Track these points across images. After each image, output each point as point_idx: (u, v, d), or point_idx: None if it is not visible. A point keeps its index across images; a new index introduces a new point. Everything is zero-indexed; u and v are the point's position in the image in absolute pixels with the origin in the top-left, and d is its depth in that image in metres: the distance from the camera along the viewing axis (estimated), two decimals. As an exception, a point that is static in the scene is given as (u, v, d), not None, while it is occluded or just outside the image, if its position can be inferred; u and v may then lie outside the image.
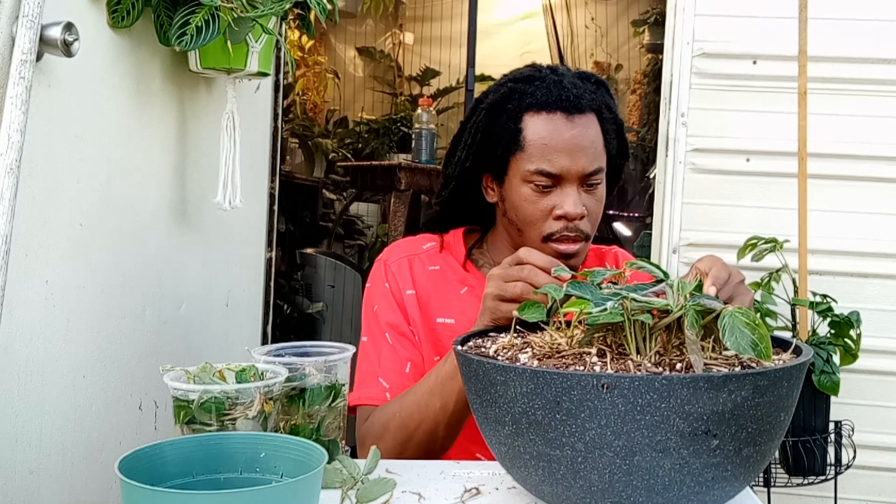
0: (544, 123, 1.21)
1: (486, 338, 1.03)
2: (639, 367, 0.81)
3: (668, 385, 0.75)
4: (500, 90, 1.26)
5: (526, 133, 1.22)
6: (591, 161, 1.22)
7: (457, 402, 1.15)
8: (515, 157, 1.24)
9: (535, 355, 0.89)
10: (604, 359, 0.84)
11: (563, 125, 1.21)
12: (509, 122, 1.23)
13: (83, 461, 1.15)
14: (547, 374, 0.78)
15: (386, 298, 1.32)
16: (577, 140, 1.21)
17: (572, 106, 1.22)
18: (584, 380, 0.76)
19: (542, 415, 0.78)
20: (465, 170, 1.30)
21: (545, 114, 1.22)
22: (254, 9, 1.25)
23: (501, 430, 0.83)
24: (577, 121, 1.22)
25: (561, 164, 1.21)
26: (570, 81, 1.24)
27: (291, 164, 4.88)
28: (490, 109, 1.26)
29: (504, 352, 0.92)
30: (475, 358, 0.85)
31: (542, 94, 1.22)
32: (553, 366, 0.84)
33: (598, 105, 1.26)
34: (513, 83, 1.26)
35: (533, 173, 1.21)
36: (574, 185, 1.22)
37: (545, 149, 1.21)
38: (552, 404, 0.78)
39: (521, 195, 1.24)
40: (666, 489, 0.78)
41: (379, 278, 1.35)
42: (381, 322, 1.31)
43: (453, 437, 1.21)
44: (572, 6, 5.57)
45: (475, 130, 1.28)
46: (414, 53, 5.88)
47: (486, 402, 0.84)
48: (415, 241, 1.41)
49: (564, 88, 1.22)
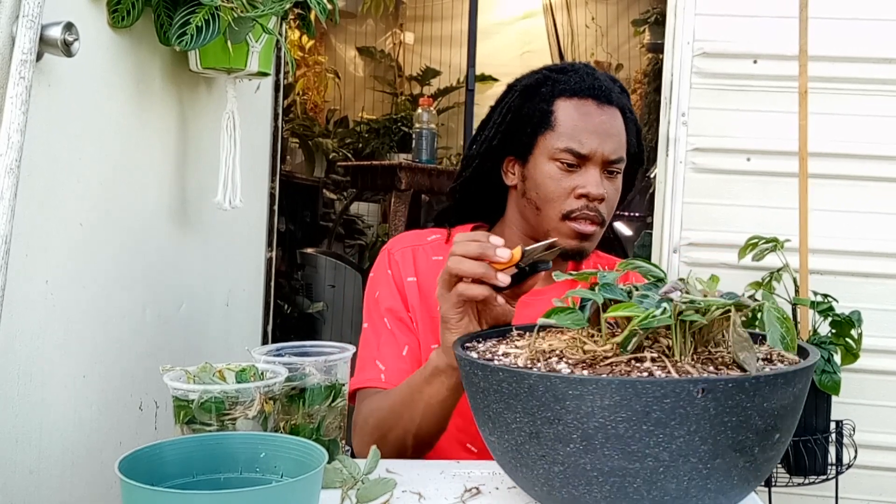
0: (576, 106, 1.28)
1: (471, 344, 0.99)
2: (684, 369, 0.81)
3: (755, 384, 0.75)
4: (535, 76, 1.33)
5: (558, 114, 1.28)
6: (616, 147, 1.28)
7: (423, 417, 1.14)
8: (544, 136, 1.28)
9: (576, 363, 0.85)
10: (655, 363, 0.82)
11: (594, 109, 1.28)
12: (542, 103, 1.29)
13: (83, 461, 1.15)
14: (638, 384, 0.74)
15: (387, 285, 1.34)
16: (606, 126, 1.27)
17: (603, 96, 1.29)
18: (678, 386, 0.73)
19: (625, 427, 0.75)
20: (492, 148, 1.34)
21: (577, 99, 1.28)
22: (254, 9, 1.25)
23: (562, 448, 0.78)
24: (607, 110, 1.29)
25: (590, 145, 1.26)
26: (602, 75, 1.32)
27: (292, 163, 4.88)
28: (523, 92, 1.32)
29: (536, 362, 0.86)
30: (537, 373, 0.78)
31: (575, 82, 1.29)
32: (610, 373, 0.81)
33: (623, 104, 1.33)
34: (547, 71, 1.33)
35: (562, 150, 1.26)
36: (598, 168, 1.27)
37: (576, 129, 1.26)
38: (640, 415, 0.74)
39: (545, 172, 1.28)
40: (733, 488, 0.79)
41: (382, 266, 1.37)
42: (381, 307, 1.33)
43: (425, 446, 1.20)
44: (572, 6, 5.57)
45: (506, 111, 1.33)
46: (414, 53, 5.88)
47: (543, 420, 0.78)
48: (420, 233, 1.44)
49: (597, 79, 1.30)
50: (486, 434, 0.88)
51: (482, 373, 0.84)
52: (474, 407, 0.88)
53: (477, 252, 0.99)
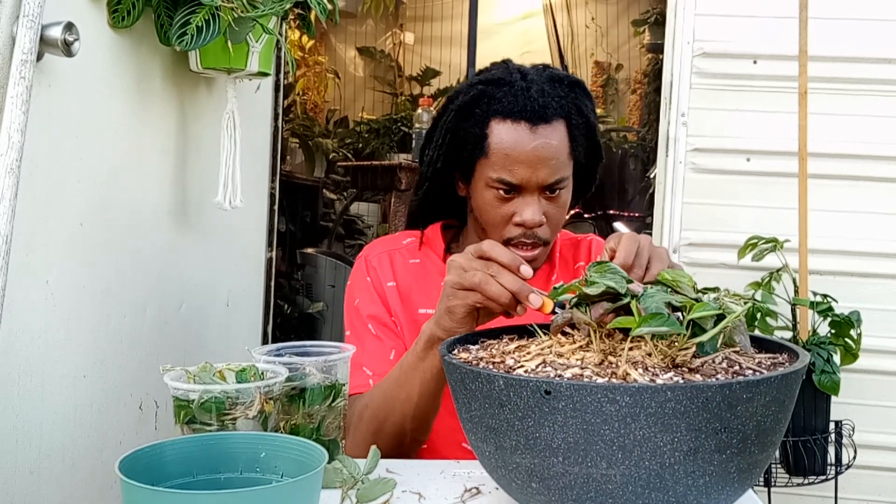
0: (508, 132, 1.23)
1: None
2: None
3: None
4: (471, 91, 1.28)
5: (490, 140, 1.24)
6: (551, 173, 1.23)
7: (420, 394, 1.15)
8: (480, 162, 1.26)
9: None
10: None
11: (526, 136, 1.22)
12: (476, 126, 1.25)
13: (83, 461, 1.15)
14: (791, 375, 0.78)
15: (367, 292, 1.34)
16: (539, 152, 1.22)
17: (537, 116, 1.23)
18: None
19: (772, 420, 0.79)
20: (437, 170, 1.33)
21: (510, 122, 1.23)
22: (254, 9, 1.25)
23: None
24: (542, 131, 1.23)
25: (521, 175, 1.23)
26: (538, 90, 1.24)
27: (292, 163, 4.88)
28: (459, 112, 1.28)
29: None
30: (716, 383, 0.75)
31: (508, 102, 1.23)
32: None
33: (567, 111, 1.26)
34: (483, 85, 1.27)
35: (495, 181, 1.24)
36: (535, 194, 1.24)
37: (507, 159, 1.23)
38: (779, 403, 0.79)
39: (484, 199, 1.27)
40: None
41: (360, 273, 1.37)
42: (362, 315, 1.33)
43: (422, 430, 1.21)
44: (573, 6, 5.58)
45: (445, 131, 1.30)
46: (414, 53, 5.89)
47: (709, 432, 0.75)
48: (395, 237, 1.44)
49: (531, 98, 1.23)
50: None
51: (624, 392, 0.78)
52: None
53: (512, 287, 1.02)
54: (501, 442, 0.81)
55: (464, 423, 0.87)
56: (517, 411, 0.78)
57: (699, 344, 0.83)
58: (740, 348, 0.86)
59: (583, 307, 0.89)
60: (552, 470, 0.78)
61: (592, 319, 0.88)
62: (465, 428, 0.88)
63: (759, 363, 0.86)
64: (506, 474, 0.83)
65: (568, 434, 0.76)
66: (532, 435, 0.78)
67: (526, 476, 0.80)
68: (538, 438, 0.77)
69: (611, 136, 5.29)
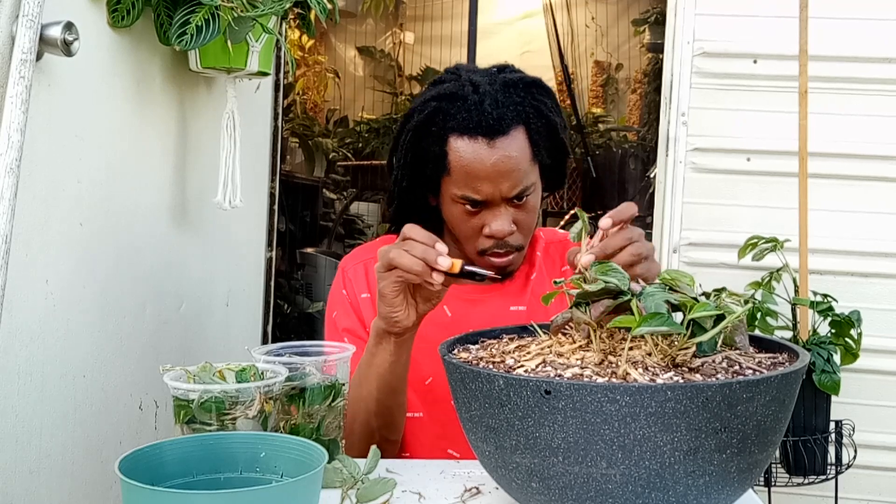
0: (466, 149, 1.22)
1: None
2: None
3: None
4: (425, 109, 1.27)
5: (450, 157, 1.24)
6: (514, 185, 1.23)
7: (379, 389, 1.18)
8: (444, 179, 1.26)
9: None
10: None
11: (484, 152, 1.21)
12: (434, 145, 1.25)
13: (83, 461, 1.15)
14: (791, 375, 0.78)
15: (343, 305, 1.35)
16: (499, 167, 1.22)
17: (493, 130, 1.21)
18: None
19: (772, 420, 0.78)
20: (404, 187, 1.33)
21: (467, 138, 1.22)
22: (254, 8, 1.25)
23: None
24: (500, 144, 1.22)
25: (484, 191, 1.23)
26: (491, 101, 1.23)
27: (292, 163, 4.88)
28: (416, 131, 1.27)
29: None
30: (716, 383, 0.75)
31: (463, 118, 1.22)
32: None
33: (525, 116, 1.24)
34: (436, 101, 1.26)
35: (460, 197, 1.25)
36: (501, 206, 1.25)
37: (468, 176, 1.23)
38: (779, 403, 0.79)
39: (452, 213, 1.28)
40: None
41: (338, 285, 1.38)
42: (338, 328, 1.34)
43: (390, 427, 1.23)
44: (572, 5, 5.57)
45: (405, 151, 1.30)
46: (414, 53, 5.88)
47: (709, 431, 0.75)
48: (372, 245, 1.43)
49: (485, 112, 1.22)
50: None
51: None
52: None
53: (420, 254, 1.06)
54: (501, 442, 0.81)
55: (464, 423, 0.87)
56: (517, 411, 0.78)
57: (699, 344, 0.83)
58: (740, 348, 0.86)
59: (582, 307, 0.89)
60: (552, 470, 0.78)
61: (592, 319, 0.88)
62: (465, 428, 0.88)
63: (759, 363, 0.86)
64: (506, 474, 0.83)
65: (568, 434, 0.76)
66: (532, 435, 0.77)
67: (526, 476, 0.80)
68: (538, 438, 0.77)
69: (611, 136, 5.29)
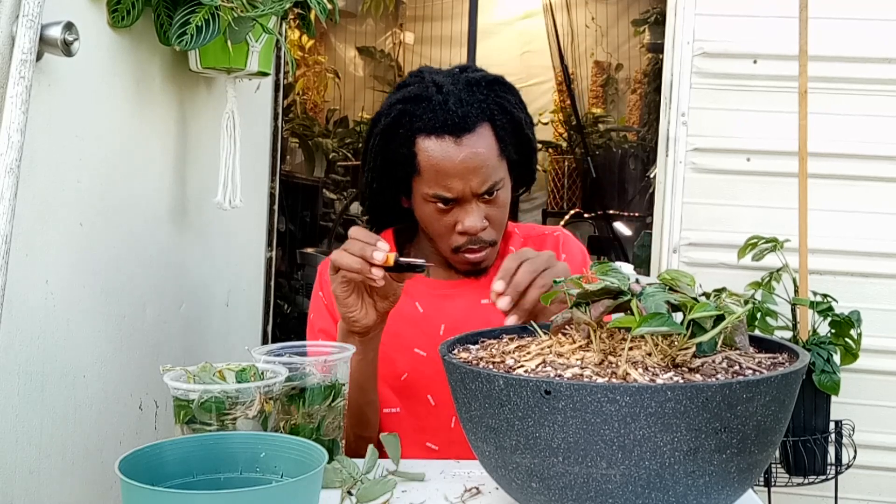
0: (434, 149, 1.24)
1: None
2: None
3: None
4: (391, 112, 1.28)
5: (419, 158, 1.25)
6: (483, 180, 1.25)
7: (349, 389, 1.18)
8: (415, 180, 1.28)
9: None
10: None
11: (452, 150, 1.23)
12: (402, 147, 1.27)
13: (83, 461, 1.15)
14: (791, 375, 0.78)
15: (319, 307, 1.37)
16: (468, 163, 1.23)
17: (459, 128, 1.23)
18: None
19: (772, 420, 0.79)
20: (375, 189, 1.35)
21: (434, 138, 1.24)
22: (254, 8, 1.25)
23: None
24: (467, 141, 1.24)
25: (455, 188, 1.24)
26: (455, 100, 1.25)
27: (292, 163, 4.88)
28: (384, 134, 1.29)
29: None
30: (716, 383, 0.75)
31: (429, 119, 1.24)
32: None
33: (489, 113, 1.26)
34: (402, 104, 1.28)
35: (431, 196, 1.26)
36: (471, 202, 1.26)
37: (438, 175, 1.24)
38: (779, 403, 0.79)
39: (425, 212, 1.29)
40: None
41: (316, 286, 1.39)
42: (314, 329, 1.36)
43: (361, 424, 1.25)
44: (572, 6, 5.58)
45: (374, 155, 1.32)
46: (414, 53, 5.89)
47: (709, 432, 0.75)
48: None
49: (449, 111, 1.24)
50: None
51: (631, 392, 0.77)
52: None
53: (358, 252, 1.10)
54: (501, 442, 0.81)
55: (464, 422, 0.88)
56: (517, 411, 0.78)
57: (699, 344, 0.83)
58: (740, 348, 0.86)
59: (582, 307, 0.89)
60: (552, 470, 0.78)
61: (592, 319, 0.88)
62: (465, 428, 0.88)
63: (759, 363, 0.86)
64: (506, 474, 0.83)
65: (568, 434, 0.76)
66: (532, 435, 0.77)
67: (526, 476, 0.80)
68: (538, 438, 0.77)
69: (611, 136, 5.29)
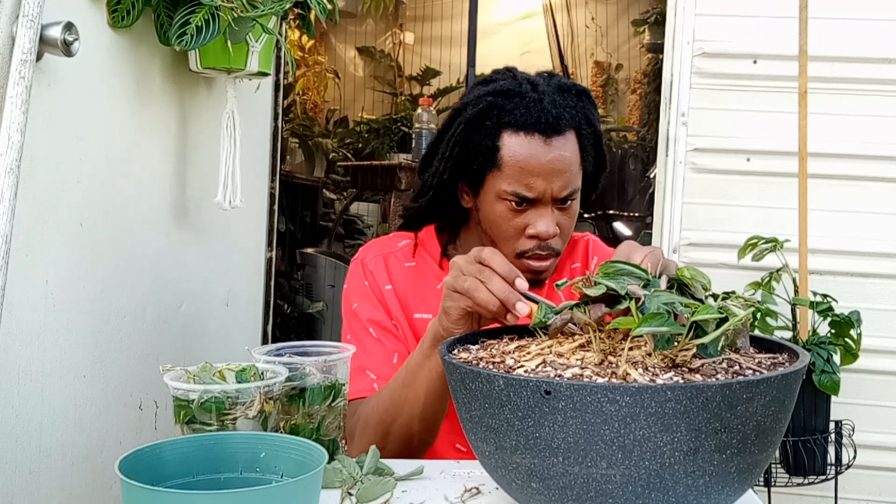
0: (522, 145, 1.21)
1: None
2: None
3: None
4: (480, 104, 1.26)
5: (503, 153, 1.22)
6: (566, 184, 1.23)
7: (427, 393, 1.14)
8: (492, 175, 1.24)
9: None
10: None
11: (540, 149, 1.21)
12: (487, 139, 1.24)
13: (83, 461, 1.15)
14: (791, 375, 0.78)
15: (366, 296, 1.33)
16: (554, 164, 1.21)
17: (551, 128, 1.21)
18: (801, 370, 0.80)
19: (772, 420, 0.79)
20: (442, 181, 1.31)
21: (523, 135, 1.21)
22: (254, 8, 1.25)
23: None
24: (555, 143, 1.22)
25: (537, 188, 1.22)
26: (550, 101, 1.23)
27: (291, 163, 4.88)
28: (468, 124, 1.26)
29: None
30: (716, 383, 0.76)
31: (521, 114, 1.22)
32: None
33: (577, 121, 1.25)
34: (492, 97, 1.25)
35: (509, 193, 1.23)
36: (548, 206, 1.24)
37: (521, 172, 1.22)
38: (779, 403, 0.79)
39: (495, 211, 1.25)
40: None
41: (357, 277, 1.35)
42: (362, 319, 1.32)
43: (431, 431, 1.20)
44: (572, 6, 5.58)
45: (453, 143, 1.28)
46: (414, 53, 5.89)
47: (709, 432, 0.75)
48: (389, 239, 1.42)
49: (544, 109, 1.21)
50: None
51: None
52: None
53: (500, 293, 1.02)
54: (501, 442, 0.81)
55: (464, 423, 0.87)
56: (517, 411, 0.78)
57: (701, 346, 0.82)
58: (741, 349, 0.86)
59: (582, 307, 0.89)
60: (552, 470, 0.78)
61: (592, 320, 0.88)
62: (465, 428, 0.88)
63: (759, 363, 0.86)
64: (506, 474, 0.83)
65: (568, 434, 0.76)
66: (532, 435, 0.77)
67: (526, 476, 0.80)
68: (538, 438, 0.77)
69: (611, 136, 5.29)
